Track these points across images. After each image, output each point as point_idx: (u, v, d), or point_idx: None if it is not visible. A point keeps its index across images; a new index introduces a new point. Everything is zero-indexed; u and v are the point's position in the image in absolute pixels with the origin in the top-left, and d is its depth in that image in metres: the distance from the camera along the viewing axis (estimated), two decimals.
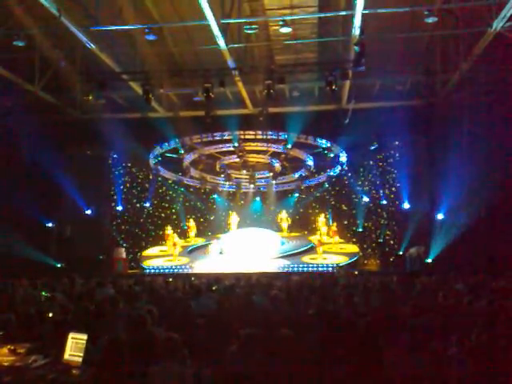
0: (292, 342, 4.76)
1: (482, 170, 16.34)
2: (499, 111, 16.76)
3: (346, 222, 22.89)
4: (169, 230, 21.93)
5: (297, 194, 23.99)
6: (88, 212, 21.87)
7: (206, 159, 23.08)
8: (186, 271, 19.44)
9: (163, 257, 21.37)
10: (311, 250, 20.85)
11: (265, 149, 22.45)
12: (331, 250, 20.87)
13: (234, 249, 21.17)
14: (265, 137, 21.27)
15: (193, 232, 23.14)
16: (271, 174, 23.44)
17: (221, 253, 21.34)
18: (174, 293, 9.85)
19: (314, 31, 15.50)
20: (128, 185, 23.51)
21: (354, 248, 21.37)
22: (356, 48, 13.15)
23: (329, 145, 21.36)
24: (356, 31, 12.64)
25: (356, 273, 17.39)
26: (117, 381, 4.25)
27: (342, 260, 19.76)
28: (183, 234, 23.26)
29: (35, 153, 18.20)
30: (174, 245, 21.19)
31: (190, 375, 4.31)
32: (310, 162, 22.55)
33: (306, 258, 20.23)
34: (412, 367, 4.42)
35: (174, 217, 23.91)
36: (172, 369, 4.30)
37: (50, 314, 6.83)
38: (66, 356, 4.90)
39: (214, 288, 10.56)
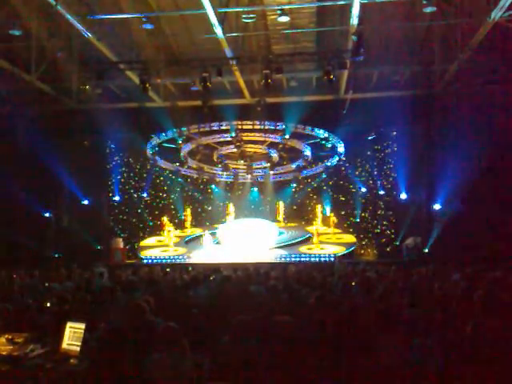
0: (291, 328, 4.77)
1: (480, 160, 16.35)
2: (498, 101, 16.74)
3: (343, 213, 22.89)
4: (165, 220, 21.93)
5: (294, 185, 23.97)
6: (85, 202, 21.86)
7: (203, 149, 23.04)
8: (183, 261, 19.47)
9: (160, 247, 21.40)
10: (308, 240, 20.89)
11: (262, 139, 22.41)
12: (328, 240, 20.91)
13: (231, 239, 21.19)
14: (262, 127, 21.22)
15: (189, 222, 23.16)
16: (269, 164, 23.42)
17: (217, 243, 21.37)
18: (172, 283, 9.88)
19: (312, 20, 15.43)
20: (125, 175, 23.48)
21: (351, 238, 21.41)
22: (354, 37, 13.12)
23: (326, 135, 21.33)
24: (354, 21, 12.59)
25: (353, 262, 17.41)
26: (115, 370, 4.26)
27: (339, 250, 19.80)
28: (180, 224, 23.29)
29: (32, 143, 18.14)
30: (169, 236, 21.23)
31: (188, 364, 4.32)
32: (308, 153, 22.53)
33: (304, 248, 20.27)
34: (409, 357, 4.43)
35: (172, 207, 23.90)
36: (171, 358, 4.31)
37: (48, 304, 6.85)
38: (64, 345, 4.91)
39: (211, 278, 10.59)
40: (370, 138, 20.89)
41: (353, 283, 9.23)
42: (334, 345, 4.79)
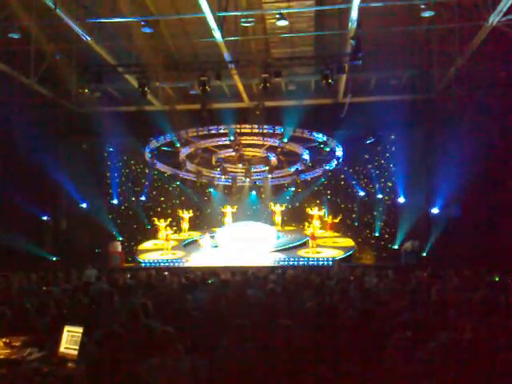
0: (290, 332, 4.77)
1: (479, 164, 16.36)
2: (497, 105, 16.77)
3: (341, 216, 22.88)
4: (161, 223, 21.93)
5: (293, 188, 23.99)
6: (83, 205, 21.83)
7: (201, 153, 23.04)
8: (181, 265, 19.46)
9: (158, 250, 21.39)
10: (307, 243, 20.88)
11: (261, 143, 22.44)
12: (327, 244, 20.91)
13: (229, 242, 21.17)
14: (261, 131, 21.25)
15: (187, 225, 23.14)
16: (267, 167, 23.43)
17: (215, 246, 21.35)
18: (170, 286, 9.86)
19: (311, 25, 15.44)
20: (124, 178, 23.47)
21: (349, 242, 21.41)
22: (352, 42, 13.15)
23: (325, 139, 21.36)
24: (353, 25, 12.62)
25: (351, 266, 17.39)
26: (112, 374, 4.25)
27: (338, 254, 19.80)
28: (179, 228, 23.27)
29: (30, 146, 18.12)
30: (167, 239, 21.27)
31: (186, 368, 4.31)
32: (306, 156, 22.55)
33: (302, 252, 20.27)
34: (409, 361, 4.43)
35: (170, 211, 23.87)
36: (168, 362, 4.30)
37: (47, 308, 6.82)
38: (62, 349, 4.89)
39: (209, 281, 10.58)
40: (368, 141, 20.91)
41: (351, 287, 9.23)
42: (334, 348, 4.79)
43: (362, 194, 22.61)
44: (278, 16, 13.51)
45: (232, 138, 21.37)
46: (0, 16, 13.81)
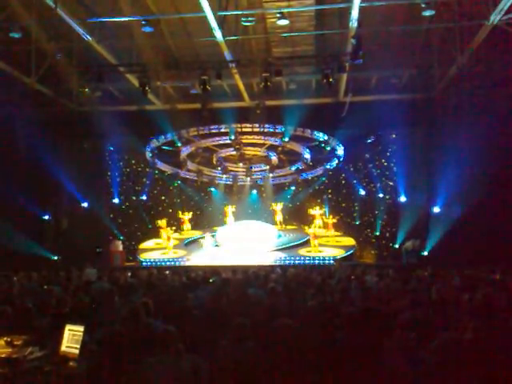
0: (291, 331, 4.77)
1: (479, 163, 16.35)
2: (498, 104, 16.76)
3: (342, 215, 22.90)
4: (164, 225, 21.94)
5: (293, 187, 24.01)
6: (84, 205, 21.84)
7: (202, 152, 23.06)
8: (182, 264, 19.47)
9: (159, 249, 21.40)
10: (308, 242, 20.89)
11: (262, 142, 22.44)
12: (328, 243, 20.92)
13: (230, 241, 21.18)
14: (262, 130, 21.25)
15: (188, 224, 23.17)
16: (268, 167, 23.45)
17: (216, 245, 21.37)
18: (171, 285, 9.86)
19: (312, 24, 15.43)
20: (124, 177, 23.49)
21: (350, 241, 21.42)
22: (353, 41, 13.14)
23: (326, 138, 21.35)
24: (353, 24, 12.62)
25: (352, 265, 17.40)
26: (113, 373, 4.26)
27: (339, 253, 19.80)
28: (180, 227, 23.29)
29: (31, 145, 18.13)
30: (168, 238, 21.28)
31: (186, 367, 4.32)
32: (307, 155, 22.55)
33: (303, 251, 20.27)
34: (410, 361, 4.43)
35: (170, 210, 23.90)
36: (168, 361, 4.31)
37: (48, 307, 6.83)
38: (63, 348, 4.90)
39: (210, 280, 10.58)
40: (369, 140, 20.91)
41: (352, 286, 9.24)
42: (336, 348, 4.79)
43: (362, 193, 22.62)
44: (278, 15, 13.51)
45: (233, 137, 21.38)
46: (0, 15, 13.83)
